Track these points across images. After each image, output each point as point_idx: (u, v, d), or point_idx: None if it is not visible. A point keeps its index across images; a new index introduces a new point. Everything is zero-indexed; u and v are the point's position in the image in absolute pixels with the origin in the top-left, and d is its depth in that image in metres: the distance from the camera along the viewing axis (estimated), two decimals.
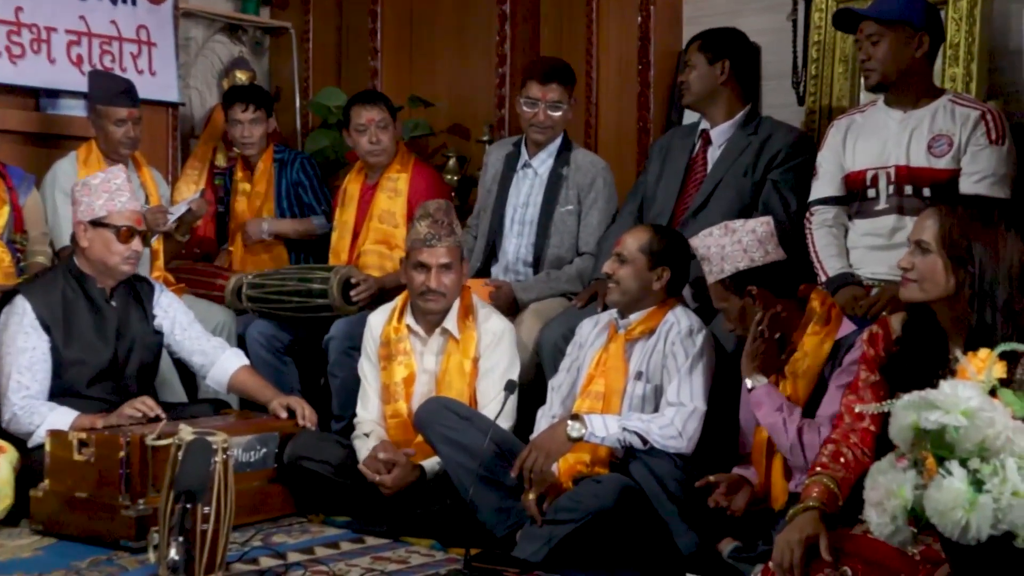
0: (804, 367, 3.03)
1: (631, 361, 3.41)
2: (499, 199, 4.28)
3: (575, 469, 3.35)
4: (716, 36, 3.91)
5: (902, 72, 3.41)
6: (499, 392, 3.57)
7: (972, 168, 3.30)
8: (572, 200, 4.15)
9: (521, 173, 4.27)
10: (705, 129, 3.93)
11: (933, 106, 3.41)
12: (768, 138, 3.80)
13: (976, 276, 2.47)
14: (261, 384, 3.96)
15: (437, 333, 3.72)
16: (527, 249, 4.19)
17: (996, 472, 2.05)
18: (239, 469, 3.43)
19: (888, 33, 3.39)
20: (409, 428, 3.66)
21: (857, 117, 3.58)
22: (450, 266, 3.64)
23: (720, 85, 3.86)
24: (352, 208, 4.67)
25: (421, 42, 5.53)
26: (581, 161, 4.18)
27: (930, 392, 2.13)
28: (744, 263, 3.09)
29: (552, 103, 4.13)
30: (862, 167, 3.48)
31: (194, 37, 5.79)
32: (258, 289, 4.47)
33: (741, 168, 3.79)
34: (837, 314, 3.09)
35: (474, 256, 4.31)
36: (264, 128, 4.99)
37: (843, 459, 2.60)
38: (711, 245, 3.13)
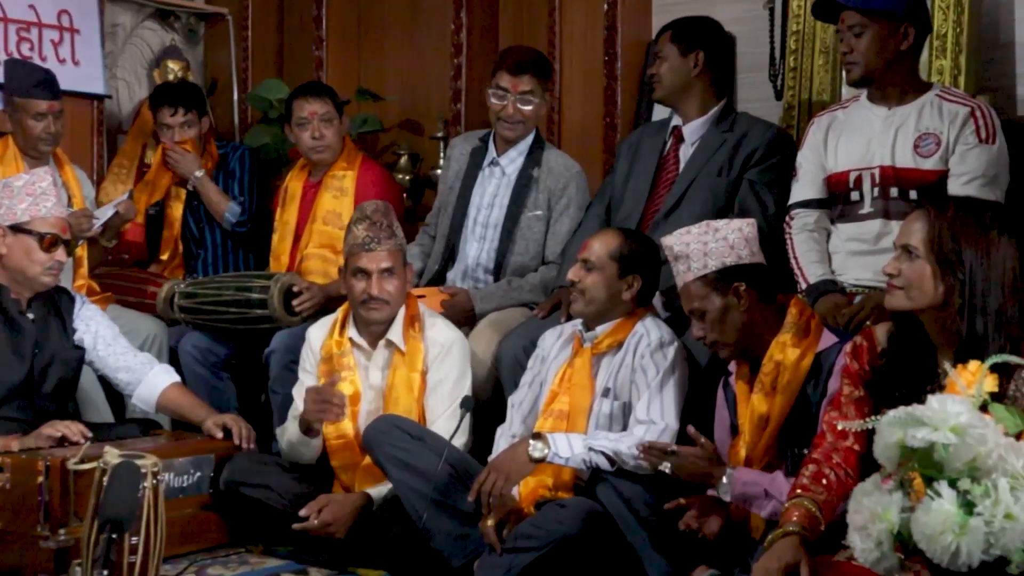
0: (783, 382, 3.03)
1: (598, 377, 3.41)
2: (461, 198, 4.26)
3: (537, 493, 3.35)
4: (689, 26, 3.93)
5: (886, 66, 3.43)
6: (449, 407, 3.57)
7: (961, 169, 3.33)
8: (541, 205, 4.14)
9: (487, 171, 4.26)
10: (677, 126, 3.94)
11: (919, 102, 3.43)
12: (744, 135, 3.82)
13: (967, 283, 2.49)
14: (194, 402, 3.93)
15: (382, 346, 3.71)
16: (489, 254, 4.18)
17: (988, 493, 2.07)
18: (170, 495, 3.40)
19: (871, 24, 3.40)
20: (356, 450, 3.65)
21: (839, 114, 3.60)
22: (392, 271, 3.64)
23: (693, 78, 3.88)
24: (294, 208, 4.65)
25: (370, 30, 5.52)
26: (554, 163, 4.18)
27: (917, 408, 2.15)
28: (732, 259, 3.10)
29: (523, 96, 4.12)
30: (845, 168, 3.50)
31: (122, 24, 5.74)
32: (191, 299, 4.44)
33: (715, 167, 3.81)
34: (817, 325, 3.10)
35: (432, 258, 4.30)
36: (197, 130, 4.97)
37: (825, 480, 2.61)
38: (690, 242, 3.12)
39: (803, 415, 3.01)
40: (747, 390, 3.11)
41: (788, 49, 4.21)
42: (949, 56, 3.75)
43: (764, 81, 4.33)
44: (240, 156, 5.02)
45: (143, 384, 3.90)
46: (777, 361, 3.04)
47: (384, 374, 3.69)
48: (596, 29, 4.79)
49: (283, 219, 4.68)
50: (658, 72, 3.91)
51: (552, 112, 4.86)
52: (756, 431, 3.05)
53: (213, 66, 5.99)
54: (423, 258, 4.36)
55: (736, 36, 4.44)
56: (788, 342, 3.05)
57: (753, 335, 3.10)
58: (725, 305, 3.09)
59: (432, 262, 4.29)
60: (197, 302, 4.43)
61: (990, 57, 3.84)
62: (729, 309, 3.09)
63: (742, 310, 3.08)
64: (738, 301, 3.08)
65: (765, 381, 3.05)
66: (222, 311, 4.37)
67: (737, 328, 3.09)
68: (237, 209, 4.89)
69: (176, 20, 5.92)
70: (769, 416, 3.04)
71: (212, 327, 4.43)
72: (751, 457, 3.05)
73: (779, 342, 3.05)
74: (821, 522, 2.56)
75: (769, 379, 3.05)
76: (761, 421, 3.05)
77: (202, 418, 3.85)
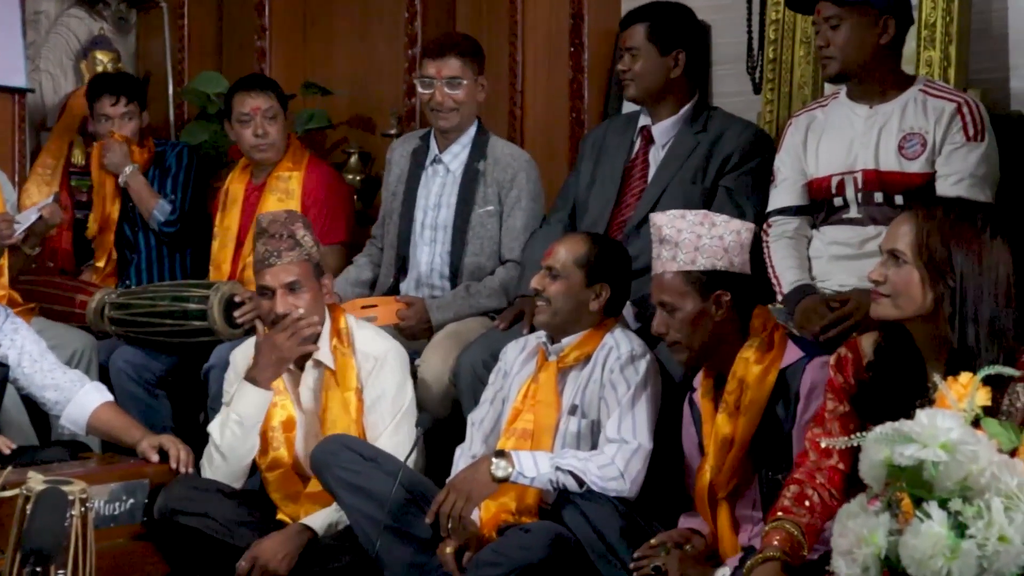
0: (746, 402, 3.04)
1: (564, 393, 3.42)
2: (406, 202, 4.26)
3: (499, 517, 3.35)
4: (667, 21, 3.87)
5: (865, 61, 3.44)
6: (391, 421, 3.57)
7: (948, 169, 3.34)
8: (491, 199, 4.15)
9: (431, 170, 4.25)
10: (646, 125, 3.94)
11: (903, 99, 3.45)
12: (719, 137, 3.82)
13: (957, 291, 2.51)
14: (127, 423, 3.90)
15: (310, 366, 3.70)
16: (442, 258, 4.19)
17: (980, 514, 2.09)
18: (100, 524, 3.37)
19: (849, 16, 3.41)
20: (294, 479, 3.65)
21: (818, 113, 3.61)
22: (298, 284, 3.61)
23: (672, 79, 3.86)
24: (235, 212, 4.64)
25: (317, 19, 5.51)
26: (500, 154, 4.18)
27: (905, 423, 2.17)
28: (723, 263, 3.10)
29: (450, 81, 4.11)
30: (826, 173, 3.51)
31: (45, 11, 5.71)
32: (123, 310, 4.41)
33: (689, 173, 3.80)
34: (781, 338, 3.10)
35: (383, 272, 4.30)
36: (138, 124, 4.96)
37: (808, 502, 2.63)
38: (683, 229, 3.11)
39: (773, 436, 3.03)
40: (712, 409, 3.12)
41: (767, 39, 4.22)
42: (938, 47, 3.77)
43: (741, 73, 4.35)
44: (178, 153, 5.00)
45: (72, 403, 3.88)
46: (740, 378, 3.05)
47: (317, 396, 3.68)
48: (561, 18, 4.80)
49: (224, 224, 4.67)
50: (633, 70, 3.86)
51: (514, 107, 4.88)
52: (720, 454, 3.07)
53: (146, 57, 5.97)
54: (372, 267, 4.36)
55: (711, 25, 4.46)
56: (751, 358, 3.06)
57: (719, 348, 3.11)
58: (701, 310, 3.10)
59: (384, 276, 4.28)
60: (129, 313, 4.40)
61: (981, 48, 3.86)
62: (704, 315, 3.10)
63: (716, 319, 3.09)
64: (716, 310, 3.09)
65: (729, 400, 3.06)
66: (157, 323, 4.35)
67: (705, 337, 3.10)
68: (167, 207, 4.87)
69: (105, 7, 5.90)
70: (734, 438, 3.05)
71: (146, 341, 4.41)
72: (716, 481, 3.07)
73: (742, 358, 3.06)
74: (804, 546, 2.58)
75: (733, 398, 3.06)
76: (725, 443, 3.06)
77: (136, 439, 3.82)
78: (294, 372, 3.71)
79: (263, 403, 3.63)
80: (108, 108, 4.91)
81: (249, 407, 3.62)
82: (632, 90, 3.89)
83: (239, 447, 3.64)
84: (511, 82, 4.91)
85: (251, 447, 3.65)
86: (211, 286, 4.33)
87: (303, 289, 3.62)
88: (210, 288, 4.31)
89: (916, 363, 2.61)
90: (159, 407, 4.44)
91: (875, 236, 3.33)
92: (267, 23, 5.56)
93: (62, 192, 5.08)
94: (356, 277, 4.34)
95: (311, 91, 5.29)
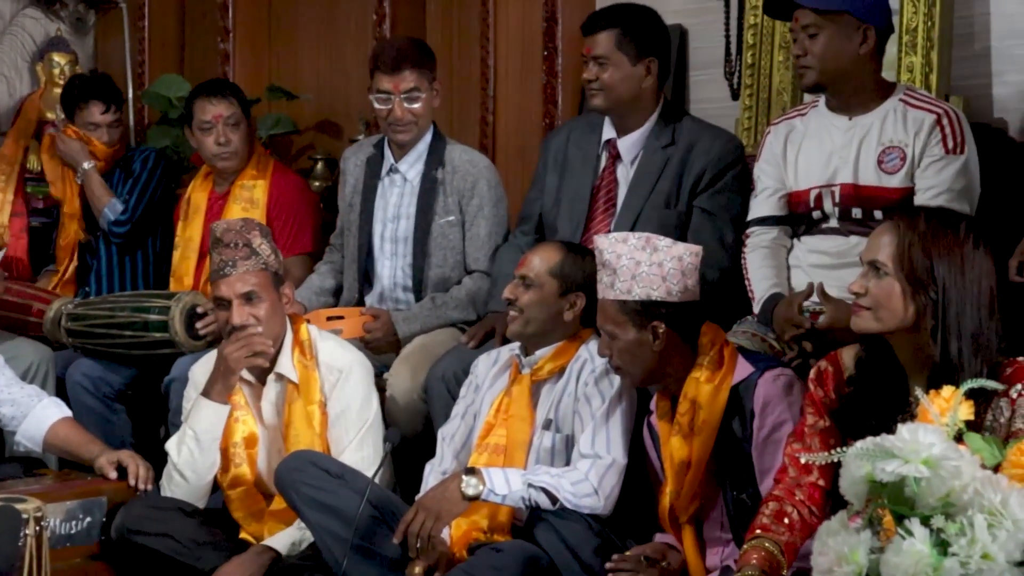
0: (699, 422, 3.04)
1: (538, 407, 3.42)
2: (364, 214, 4.24)
3: (470, 536, 3.34)
4: (637, 27, 3.80)
5: (843, 71, 3.42)
6: (356, 435, 3.57)
7: (928, 183, 3.35)
8: (452, 209, 4.13)
9: (387, 180, 4.24)
10: (612, 139, 3.87)
11: (882, 109, 3.45)
12: (689, 151, 3.76)
13: (939, 303, 2.53)
14: (85, 439, 3.87)
15: (272, 379, 3.69)
16: (404, 272, 4.18)
17: (963, 531, 2.10)
18: (56, 544, 3.35)
19: (827, 25, 3.39)
20: (257, 497, 3.64)
21: (796, 122, 3.60)
22: (255, 294, 3.59)
23: (644, 88, 3.81)
24: (198, 222, 4.63)
25: (282, 21, 5.51)
26: (459, 161, 4.16)
27: (887, 438, 2.18)
28: (659, 293, 3.09)
29: (408, 94, 4.10)
30: (805, 186, 3.51)
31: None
32: (81, 321, 4.39)
33: (661, 197, 3.75)
34: (731, 354, 3.10)
35: (346, 286, 4.29)
36: (122, 131, 4.95)
37: (787, 519, 2.64)
38: (622, 255, 3.11)
39: (733, 454, 3.04)
40: (668, 430, 3.13)
41: (745, 44, 4.24)
42: (920, 52, 3.79)
43: (719, 79, 4.37)
44: (144, 157, 4.98)
45: (29, 419, 3.84)
46: (692, 399, 3.06)
47: (279, 411, 3.67)
48: (534, 21, 4.81)
49: (185, 234, 4.66)
50: (600, 79, 3.77)
51: (486, 113, 4.88)
52: (678, 477, 3.08)
53: (105, 59, 5.95)
54: (334, 274, 4.35)
55: (688, 29, 4.47)
56: (701, 377, 3.06)
57: (665, 373, 3.13)
58: (638, 340, 3.10)
59: (348, 291, 4.27)
60: (87, 324, 4.38)
61: (964, 54, 3.88)
62: (641, 344, 3.10)
63: (655, 350, 3.10)
64: (653, 340, 3.09)
65: (683, 422, 3.07)
66: (116, 334, 4.33)
67: (645, 366, 3.12)
68: (119, 207, 4.84)
69: (62, 7, 5.88)
70: (690, 460, 3.06)
71: (105, 352, 4.39)
72: (676, 505, 3.09)
73: (692, 378, 3.07)
74: (783, 565, 2.59)
75: (686, 419, 3.07)
76: (682, 466, 3.07)
77: (94, 455, 3.80)
78: (255, 386, 3.70)
79: (219, 418, 3.62)
80: (98, 115, 4.90)
81: (204, 423, 3.60)
82: (600, 100, 3.80)
83: (197, 465, 3.62)
84: (482, 87, 4.91)
85: (211, 464, 3.63)
86: (173, 296, 4.32)
87: (260, 299, 3.60)
88: (171, 298, 4.29)
89: (898, 377, 2.62)
90: (118, 422, 4.42)
91: (855, 245, 3.34)
92: (231, 25, 5.55)
93: (17, 199, 5.05)
94: (320, 285, 4.33)
95: (276, 95, 5.28)
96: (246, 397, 3.69)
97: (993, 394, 2.42)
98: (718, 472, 3.05)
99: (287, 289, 3.71)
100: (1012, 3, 3.81)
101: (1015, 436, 2.38)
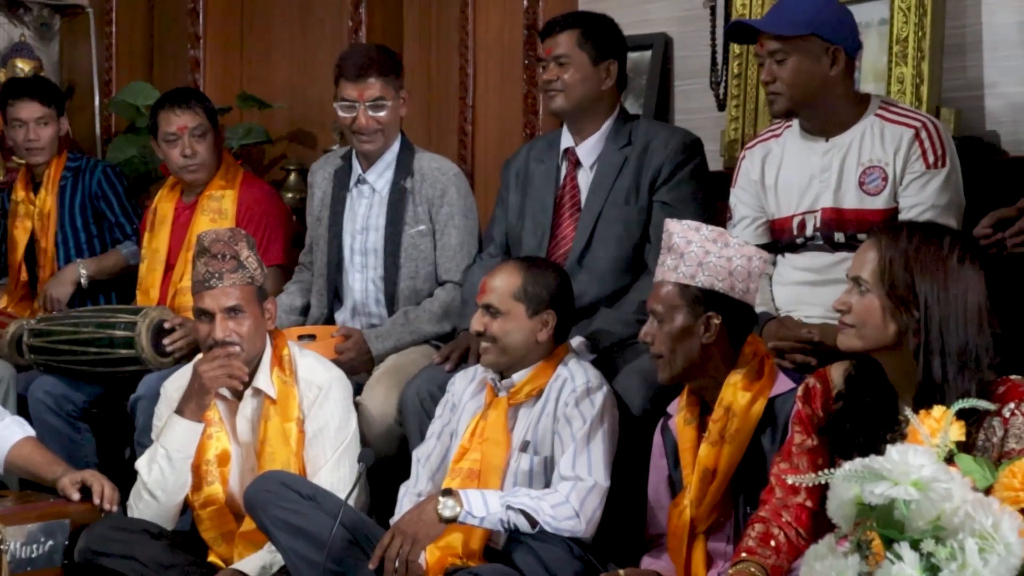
0: (731, 431, 3.05)
1: (515, 429, 3.42)
2: (333, 227, 4.24)
3: (445, 561, 3.34)
4: (597, 29, 3.86)
5: (814, 95, 3.41)
6: (333, 455, 3.56)
7: (912, 201, 3.35)
8: (422, 218, 4.14)
9: (356, 191, 4.24)
10: (569, 147, 3.91)
11: (859, 127, 3.44)
12: (645, 150, 3.80)
13: (922, 321, 2.53)
14: (48, 459, 3.86)
15: (249, 395, 3.68)
16: (376, 284, 4.18)
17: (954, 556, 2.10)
18: (17, 568, 3.35)
19: (794, 50, 3.37)
20: (228, 517, 3.63)
21: (772, 145, 3.60)
22: (239, 309, 3.60)
23: (603, 91, 3.85)
24: (164, 234, 4.62)
25: (255, 27, 5.51)
26: (427, 169, 4.17)
27: (876, 459, 2.18)
28: (723, 285, 3.11)
29: (373, 103, 4.10)
30: (787, 213, 3.52)
31: None
32: (44, 337, 4.38)
33: (621, 195, 3.79)
34: (771, 367, 3.12)
35: (315, 301, 4.28)
36: (55, 130, 4.93)
37: (773, 542, 2.64)
38: (693, 240, 3.12)
39: (757, 468, 3.03)
40: (694, 437, 3.13)
41: (731, 53, 4.25)
42: (910, 63, 3.81)
43: (704, 89, 4.38)
44: (104, 174, 4.96)
45: None
46: (727, 406, 3.07)
47: (254, 427, 3.66)
48: (515, 29, 4.82)
49: (152, 246, 4.65)
50: (561, 79, 3.81)
51: (465, 123, 4.89)
52: (702, 485, 3.07)
53: (71, 66, 5.94)
54: (303, 293, 4.34)
55: (672, 38, 4.48)
56: (739, 384, 3.07)
57: (703, 372, 3.13)
58: (688, 327, 3.11)
59: (316, 307, 4.27)
60: (50, 341, 4.37)
61: (955, 64, 3.90)
62: (690, 333, 3.11)
63: (703, 341, 3.10)
64: (703, 331, 3.11)
65: (714, 429, 3.07)
66: (80, 351, 4.31)
67: (688, 357, 3.11)
68: (133, 245, 4.86)
69: (26, 12, 5.87)
70: (716, 469, 3.06)
71: (68, 370, 4.37)
72: (696, 515, 3.08)
73: (729, 384, 3.08)
74: None
75: (718, 427, 3.06)
76: (707, 474, 3.07)
77: (57, 476, 3.78)
78: (231, 402, 3.69)
79: (192, 436, 3.61)
80: (21, 112, 4.88)
81: (176, 441, 3.59)
82: (560, 102, 3.84)
83: (168, 484, 3.61)
84: (461, 96, 4.93)
85: (182, 484, 3.62)
86: (139, 311, 4.31)
87: (244, 315, 3.60)
88: (138, 314, 4.29)
89: (887, 395, 2.63)
90: (82, 441, 4.40)
91: (840, 261, 3.35)
92: (201, 31, 5.55)
93: None
94: (289, 304, 4.31)
95: (248, 104, 5.28)
96: (220, 413, 3.68)
97: (985, 414, 2.43)
98: (735, 484, 3.05)
99: (270, 304, 3.71)
100: (1004, 14, 3.83)
101: (1007, 456, 2.38)
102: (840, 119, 3.46)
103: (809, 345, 3.29)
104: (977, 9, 3.87)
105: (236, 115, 5.28)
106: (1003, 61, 3.83)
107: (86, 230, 4.92)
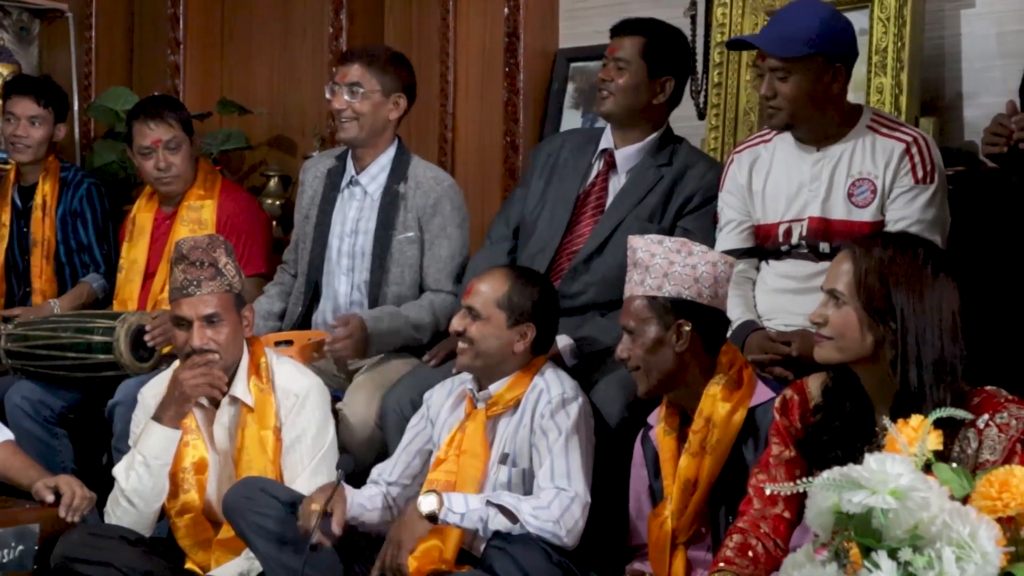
0: (712, 441, 3.06)
1: (494, 442, 3.42)
2: (320, 226, 4.22)
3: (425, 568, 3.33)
4: (664, 43, 3.83)
5: (814, 110, 3.43)
6: (310, 463, 3.56)
7: (898, 215, 3.37)
8: (412, 225, 4.12)
9: (347, 192, 4.23)
10: (609, 149, 3.90)
11: (851, 138, 3.45)
12: (682, 175, 3.79)
13: (898, 332, 2.54)
14: (25, 464, 3.84)
15: (226, 403, 3.67)
16: (360, 288, 4.16)
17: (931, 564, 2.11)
18: None
19: (798, 68, 3.38)
20: (205, 525, 3.62)
21: (761, 150, 3.61)
22: (218, 317, 3.59)
23: (655, 105, 3.82)
24: (143, 243, 4.61)
25: (235, 33, 5.50)
26: (422, 177, 4.16)
27: (854, 468, 2.19)
28: (691, 292, 3.12)
29: (350, 87, 4.08)
30: (774, 220, 3.53)
31: None
32: (21, 342, 4.37)
33: (647, 210, 3.78)
34: (750, 377, 3.13)
35: (292, 299, 4.27)
36: (47, 133, 4.92)
37: (751, 552, 2.65)
38: (657, 253, 3.14)
39: (738, 478, 3.02)
40: (674, 447, 3.13)
41: (712, 62, 4.26)
42: (890, 73, 3.82)
43: (685, 98, 4.36)
44: (87, 191, 4.94)
45: None
46: (707, 417, 3.07)
47: (231, 435, 3.65)
48: (496, 36, 4.82)
49: (130, 256, 4.63)
50: (615, 82, 3.79)
51: (445, 130, 4.89)
52: (683, 496, 3.08)
53: (50, 70, 5.91)
54: (283, 297, 4.32)
55: None
56: (718, 395, 3.08)
57: (682, 382, 3.14)
58: (661, 338, 3.12)
59: (293, 304, 4.25)
60: (28, 346, 4.36)
61: (934, 75, 3.92)
62: (663, 344, 3.12)
63: (677, 351, 3.11)
64: (676, 340, 3.12)
65: (694, 440, 3.08)
66: (58, 356, 4.30)
67: (664, 367, 3.13)
68: (100, 278, 4.85)
69: (5, 16, 5.85)
70: (697, 480, 3.07)
71: (46, 375, 4.36)
72: (678, 526, 3.09)
73: (708, 395, 3.08)
74: None
75: (699, 437, 3.07)
76: (688, 485, 3.08)
77: (33, 480, 3.76)
78: (208, 409, 3.69)
79: (170, 444, 3.60)
80: (16, 107, 4.87)
81: (155, 448, 3.58)
82: (609, 104, 3.82)
83: (146, 491, 3.60)
84: (442, 103, 4.92)
85: (160, 491, 3.61)
86: (117, 316, 4.30)
87: (222, 322, 3.59)
88: (116, 319, 4.27)
89: (864, 406, 2.64)
90: (60, 447, 4.39)
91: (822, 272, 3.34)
92: (181, 36, 5.54)
93: None
94: (267, 309, 4.28)
95: (228, 110, 5.27)
96: (197, 421, 3.67)
97: (960, 424, 2.44)
98: (715, 493, 3.06)
99: (247, 312, 3.70)
100: (984, 24, 3.85)
101: (982, 468, 2.40)
102: (833, 130, 3.47)
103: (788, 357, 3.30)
104: (956, 20, 3.90)
105: (216, 121, 5.27)
106: (982, 72, 3.85)
107: (65, 243, 4.91)
